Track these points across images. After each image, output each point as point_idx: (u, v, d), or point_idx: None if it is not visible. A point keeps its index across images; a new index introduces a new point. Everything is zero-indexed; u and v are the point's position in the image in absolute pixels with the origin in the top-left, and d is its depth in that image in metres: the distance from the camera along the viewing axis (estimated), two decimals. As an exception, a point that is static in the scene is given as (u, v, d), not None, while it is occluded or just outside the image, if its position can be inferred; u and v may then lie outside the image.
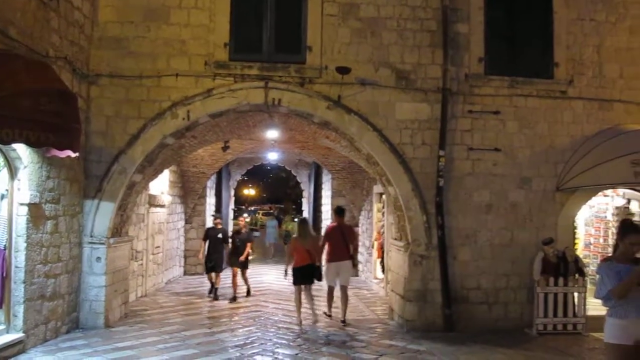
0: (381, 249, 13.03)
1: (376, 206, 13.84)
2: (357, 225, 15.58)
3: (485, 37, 9.05)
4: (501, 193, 9.03)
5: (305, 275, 9.22)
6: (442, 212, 8.74)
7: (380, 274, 13.26)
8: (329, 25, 8.75)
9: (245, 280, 11.77)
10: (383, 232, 12.65)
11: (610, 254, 4.88)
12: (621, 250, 4.53)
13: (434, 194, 8.76)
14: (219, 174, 17.25)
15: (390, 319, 9.53)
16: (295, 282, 9.30)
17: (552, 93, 9.20)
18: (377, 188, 12.96)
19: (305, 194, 18.38)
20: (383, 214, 12.78)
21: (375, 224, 13.88)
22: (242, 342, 7.81)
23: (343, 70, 8.66)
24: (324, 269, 9.73)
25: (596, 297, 4.60)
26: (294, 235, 10.34)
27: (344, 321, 9.23)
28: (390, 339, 8.18)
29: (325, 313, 9.73)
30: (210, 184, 16.54)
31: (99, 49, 8.54)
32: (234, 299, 11.17)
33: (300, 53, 8.69)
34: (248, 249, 11.61)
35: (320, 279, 9.49)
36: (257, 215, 39.20)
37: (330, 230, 9.96)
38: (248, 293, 11.82)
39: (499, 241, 8.98)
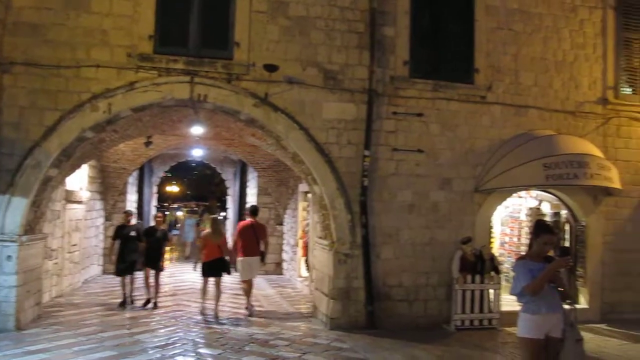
0: (306, 248, 13.08)
1: (301, 205, 13.89)
2: (281, 224, 15.58)
3: (410, 41, 9.26)
4: (423, 193, 9.27)
5: (213, 268, 9.71)
6: (366, 212, 8.89)
7: (304, 272, 13.32)
8: (257, 22, 8.68)
9: (157, 284, 10.38)
10: (308, 231, 12.71)
11: (524, 253, 5.11)
12: (535, 249, 4.76)
13: (358, 193, 8.89)
14: (141, 170, 16.74)
15: (314, 317, 9.58)
16: (203, 275, 9.81)
17: (473, 97, 9.55)
18: (303, 187, 13.01)
19: (230, 191, 18.17)
20: (308, 212, 12.85)
21: (300, 222, 13.93)
22: (163, 343, 7.61)
23: (271, 68, 8.62)
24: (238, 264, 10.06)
25: (511, 293, 4.82)
26: (206, 232, 10.57)
27: (247, 308, 9.95)
28: (314, 337, 8.23)
29: (246, 308, 9.99)
30: (132, 180, 16.02)
31: (13, 35, 8.04)
32: (147, 302, 10.20)
33: (228, 49, 8.56)
34: (165, 249, 10.78)
35: (229, 273, 9.97)
36: (179, 212, 38.35)
37: (242, 228, 10.29)
38: (147, 302, 10.23)
39: (420, 240, 9.22)
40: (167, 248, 11.01)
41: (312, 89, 8.84)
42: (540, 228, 4.84)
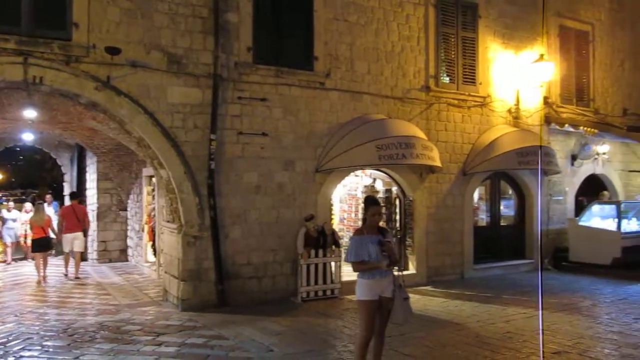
0: (152, 232, 12.95)
1: (146, 189, 13.65)
2: (125, 209, 15.17)
3: (253, 28, 9.55)
4: (268, 175, 9.71)
5: (41, 245, 12.20)
6: (214, 194, 9.11)
7: (151, 258, 13.19)
8: (97, 2, 8.37)
9: None
10: (154, 216, 12.59)
11: (361, 226, 5.75)
12: (368, 222, 5.41)
13: (206, 176, 9.07)
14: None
15: (165, 300, 9.65)
16: (33, 251, 12.48)
17: (313, 84, 10.15)
18: (147, 171, 12.83)
19: (67, 177, 17.15)
20: (153, 197, 12.71)
21: (145, 207, 13.70)
22: (4, 340, 7.25)
23: (112, 51, 8.41)
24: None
25: (346, 260, 5.45)
26: (32, 216, 13.08)
27: (78, 277, 12.24)
28: (166, 320, 8.34)
29: (64, 274, 12.45)
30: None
31: None
32: None
33: (66, 29, 8.18)
34: None
35: (52, 248, 13.11)
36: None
37: (65, 210, 13.02)
38: None
39: (267, 219, 9.68)
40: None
41: (156, 72, 8.79)
42: (369, 202, 5.51)
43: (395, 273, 5.53)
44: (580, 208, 14.06)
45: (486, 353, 6.58)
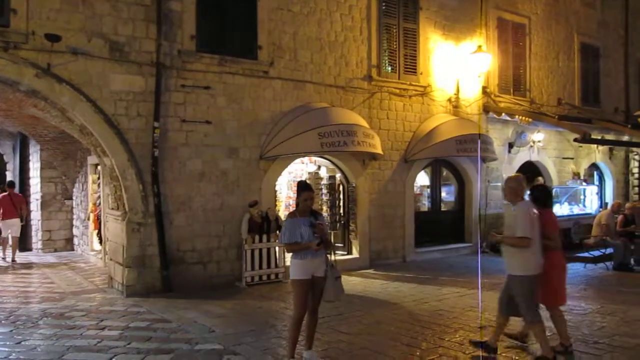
0: (97, 221, 12.91)
1: (91, 177, 13.56)
2: (70, 198, 15.00)
3: (197, 16, 9.63)
4: (212, 162, 9.85)
5: None
6: (157, 181, 9.20)
7: (97, 246, 13.15)
8: (35, -12, 8.33)
9: None
10: (99, 204, 12.55)
11: (293, 210, 6.01)
12: (301, 206, 5.68)
13: (150, 163, 9.14)
14: None
15: (110, 287, 9.71)
16: None
17: (256, 72, 10.32)
18: (92, 159, 12.74)
19: (9, 166, 16.78)
20: (99, 185, 12.66)
21: (90, 195, 13.61)
22: (-59, 328, 7.23)
23: (53, 38, 8.36)
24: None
25: (279, 241, 5.70)
26: None
27: (14, 260, 13.02)
28: (110, 305, 8.43)
29: (1, 257, 13.25)
30: None
31: None
32: None
33: (4, 15, 8.07)
34: None
35: None
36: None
37: (2, 199, 13.52)
38: None
39: (212, 206, 9.83)
40: None
41: (98, 60, 8.79)
42: (301, 187, 5.77)
43: (328, 256, 5.82)
44: (516, 193, 14.69)
45: (417, 329, 6.98)
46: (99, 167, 12.06)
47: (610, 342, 6.35)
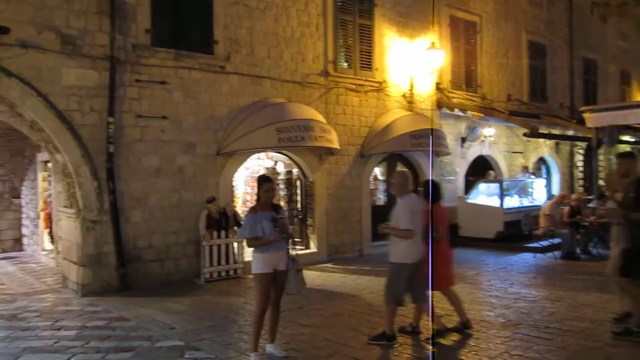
0: (49, 219, 12.57)
1: (41, 175, 13.19)
2: (18, 197, 14.55)
3: (152, 10, 9.48)
4: (169, 158, 9.74)
5: None
6: (113, 178, 9.03)
7: (48, 245, 12.80)
8: (-19, -21, 8.04)
9: None
10: (50, 202, 12.22)
11: (254, 205, 6.02)
12: (262, 199, 5.70)
13: (104, 160, 8.97)
14: None
15: (64, 287, 9.48)
16: None
17: (213, 67, 10.24)
18: (42, 156, 12.39)
19: (-48, 164, 16.18)
20: (50, 182, 12.31)
21: (41, 193, 13.23)
22: None
23: (1, 30, 8.10)
24: None
25: (239, 236, 5.72)
26: None
27: None
28: (65, 305, 8.24)
29: None
30: None
31: None
32: None
33: (-53, 7, 7.81)
34: None
35: None
36: None
37: None
38: None
39: (169, 202, 9.72)
40: None
41: (50, 54, 8.55)
42: (262, 179, 5.81)
43: (291, 251, 5.88)
44: (469, 187, 15.12)
45: (376, 319, 7.10)
46: (49, 164, 11.73)
47: (561, 327, 6.64)
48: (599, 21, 21.36)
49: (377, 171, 13.76)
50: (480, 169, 15.77)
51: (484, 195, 14.27)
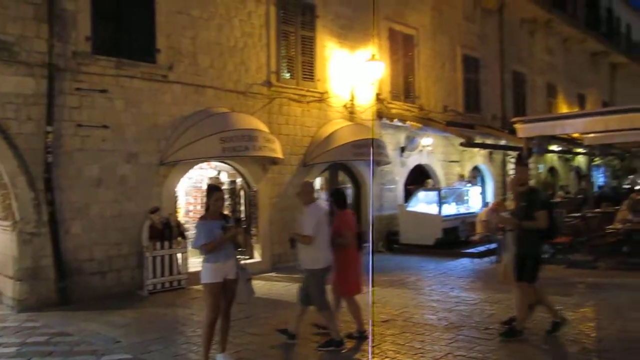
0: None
1: (-29, 186, 12.58)
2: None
3: (92, 17, 9.31)
4: (111, 167, 9.55)
5: None
6: (52, 188, 8.78)
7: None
8: None
9: None
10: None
11: (203, 214, 6.05)
12: (211, 208, 5.73)
13: (42, 170, 8.70)
14: None
15: (-2, 303, 9.12)
16: None
17: (155, 76, 10.14)
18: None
19: None
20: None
21: (-31, 205, 12.62)
22: None
23: None
24: None
25: (193, 247, 5.73)
26: None
27: None
28: (2, 322, 7.92)
29: None
30: None
31: None
32: None
33: None
34: None
35: None
36: None
37: None
38: None
39: (110, 213, 9.52)
40: None
41: (-16, 60, 8.26)
42: (211, 189, 5.89)
43: (240, 258, 5.93)
44: (408, 195, 15.53)
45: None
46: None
47: (500, 327, 6.95)
48: (527, 36, 22.50)
49: (320, 180, 13.94)
50: (419, 177, 16.23)
51: (423, 203, 14.68)
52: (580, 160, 24.84)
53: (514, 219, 6.65)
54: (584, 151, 20.79)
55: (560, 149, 21.36)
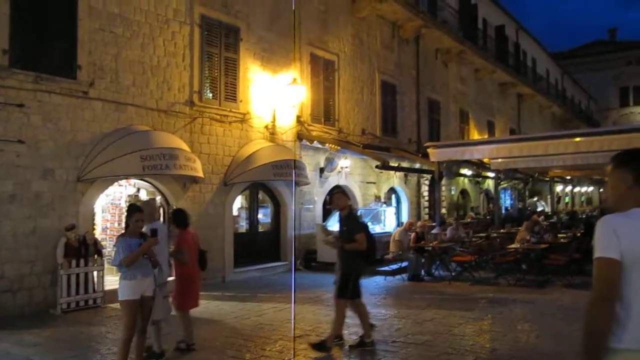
0: None
1: None
2: None
3: (11, 30, 9.17)
4: (25, 183, 9.37)
5: None
6: (-39, 204, 8.56)
7: None
8: None
9: None
10: None
11: (124, 232, 6.15)
12: (131, 227, 5.86)
13: (-48, 185, 8.47)
14: None
15: None
16: None
17: (75, 92, 10.08)
18: None
19: None
20: None
21: None
22: None
23: None
24: None
25: (112, 264, 5.83)
26: None
27: None
28: None
29: None
30: None
31: None
32: None
33: None
34: None
35: None
36: None
37: None
38: None
39: (23, 230, 9.32)
40: None
41: None
42: (133, 209, 6.00)
43: (156, 272, 6.07)
44: (327, 215, 16.00)
45: (240, 342, 7.45)
46: None
47: (405, 340, 7.46)
48: (441, 66, 23.82)
49: (240, 199, 14.15)
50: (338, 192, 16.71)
51: (341, 222, 15.15)
52: (490, 184, 26.41)
53: (339, 241, 7.18)
54: (492, 175, 22.21)
55: (470, 172, 22.67)
